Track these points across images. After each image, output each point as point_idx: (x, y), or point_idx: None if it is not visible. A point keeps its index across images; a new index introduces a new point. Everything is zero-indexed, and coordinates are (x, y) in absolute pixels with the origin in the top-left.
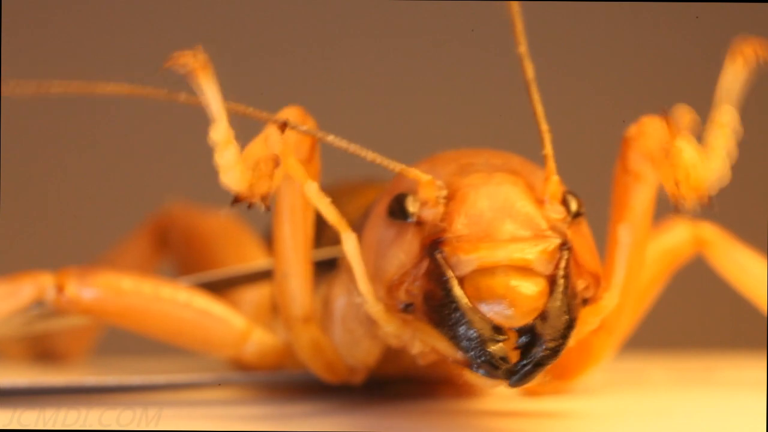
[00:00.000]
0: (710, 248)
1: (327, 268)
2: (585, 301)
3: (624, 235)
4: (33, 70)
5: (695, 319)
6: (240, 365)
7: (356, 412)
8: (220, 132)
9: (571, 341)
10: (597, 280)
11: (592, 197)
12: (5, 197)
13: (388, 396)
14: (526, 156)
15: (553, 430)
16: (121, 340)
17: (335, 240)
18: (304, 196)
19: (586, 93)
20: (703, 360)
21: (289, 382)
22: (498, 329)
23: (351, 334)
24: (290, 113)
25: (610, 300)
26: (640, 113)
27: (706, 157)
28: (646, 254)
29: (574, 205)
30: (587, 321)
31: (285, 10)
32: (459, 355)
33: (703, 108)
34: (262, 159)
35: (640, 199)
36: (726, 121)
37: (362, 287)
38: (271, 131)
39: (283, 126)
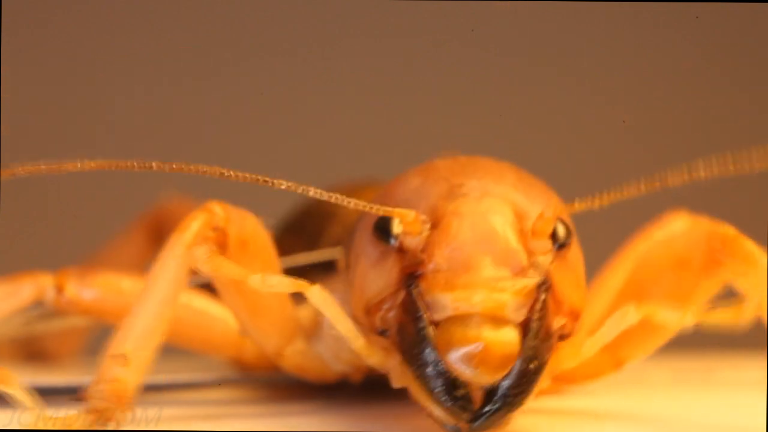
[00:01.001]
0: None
1: (327, 268)
2: (562, 337)
3: (632, 314)
4: (33, 69)
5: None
6: (240, 365)
7: (356, 411)
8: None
9: (544, 383)
10: (576, 316)
11: (588, 197)
12: (5, 197)
13: (388, 395)
14: (524, 156)
15: (552, 430)
16: None
17: (335, 241)
18: (246, 253)
19: (585, 93)
20: (702, 360)
21: (289, 382)
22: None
23: (339, 344)
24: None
25: (590, 347)
26: (640, 115)
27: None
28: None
29: (561, 235)
30: (564, 362)
31: (285, 10)
32: (424, 390)
33: (705, 107)
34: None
35: (703, 287)
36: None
37: (340, 328)
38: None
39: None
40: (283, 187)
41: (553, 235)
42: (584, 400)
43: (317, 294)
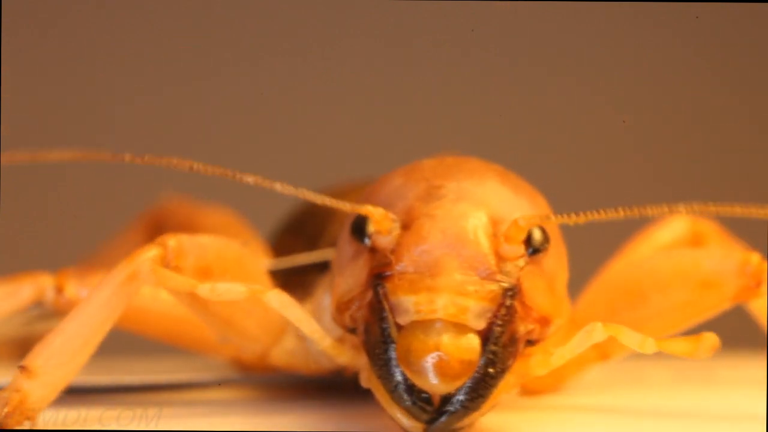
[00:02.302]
0: (703, 242)
1: (326, 268)
2: (530, 342)
3: (598, 332)
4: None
5: None
6: (240, 365)
7: (355, 411)
8: None
9: (514, 386)
10: (546, 322)
11: (588, 197)
12: (5, 197)
13: None
14: (523, 155)
15: (552, 429)
16: (121, 340)
17: (334, 241)
18: (213, 264)
19: (585, 93)
20: (702, 359)
21: (289, 382)
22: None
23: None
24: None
25: (559, 357)
26: (640, 115)
27: None
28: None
29: (537, 240)
30: (534, 369)
31: (284, 10)
32: (386, 389)
33: (704, 107)
34: None
35: (713, 311)
36: None
37: (305, 330)
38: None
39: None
40: (250, 180)
41: (528, 241)
42: (584, 399)
43: (276, 298)
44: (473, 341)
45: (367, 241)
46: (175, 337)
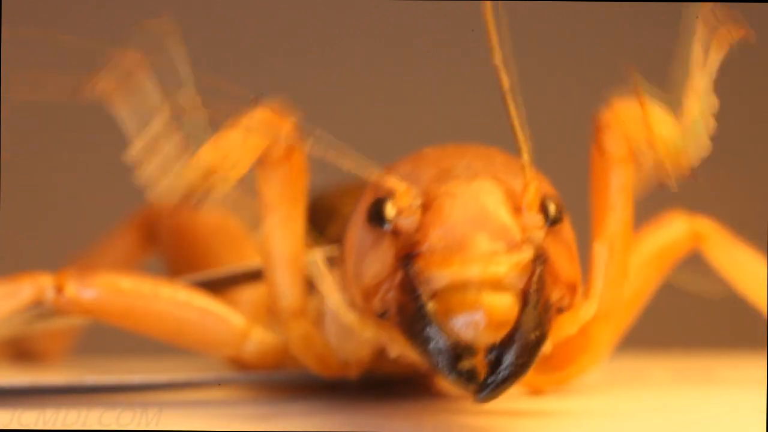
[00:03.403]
0: (707, 243)
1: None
2: (561, 310)
3: (601, 249)
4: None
5: (695, 318)
6: (240, 364)
7: (356, 411)
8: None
9: (547, 349)
10: (573, 289)
11: (583, 194)
12: (5, 197)
13: (388, 395)
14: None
15: (552, 429)
16: (120, 340)
17: (335, 239)
18: (293, 185)
19: (585, 93)
20: (702, 359)
21: (289, 382)
22: (468, 347)
23: (343, 330)
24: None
25: (587, 310)
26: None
27: (685, 128)
28: (632, 239)
29: (552, 211)
30: (564, 329)
31: (284, 10)
32: (429, 365)
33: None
34: (236, 146)
35: (620, 181)
36: (701, 89)
37: (331, 300)
38: (256, 118)
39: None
40: None
41: (545, 212)
42: (584, 399)
43: (320, 260)
44: (511, 297)
45: (387, 225)
46: (175, 336)
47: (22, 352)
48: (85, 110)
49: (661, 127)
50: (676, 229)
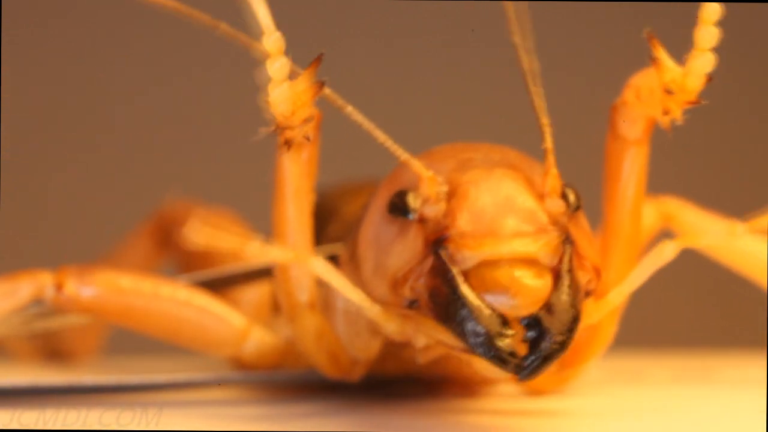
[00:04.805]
0: (675, 221)
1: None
2: (587, 294)
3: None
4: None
5: (695, 318)
6: (240, 364)
7: (357, 411)
8: (273, 42)
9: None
10: (598, 273)
11: (591, 191)
12: (5, 197)
13: (389, 395)
14: (526, 152)
15: (553, 428)
16: (121, 339)
17: (334, 239)
18: (309, 175)
19: (586, 93)
20: (702, 358)
21: (289, 382)
22: (506, 324)
23: (353, 326)
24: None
25: (617, 296)
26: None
27: (691, 57)
28: (641, 226)
29: (573, 199)
30: (591, 315)
31: (283, 10)
32: (467, 348)
33: (704, 106)
34: (302, 89)
35: (634, 166)
36: (707, 17)
37: (354, 298)
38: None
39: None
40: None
41: (566, 199)
42: (584, 399)
43: (320, 265)
44: (543, 274)
45: (411, 215)
46: (175, 335)
47: (50, 351)
48: (85, 110)
49: (667, 59)
50: (643, 213)
